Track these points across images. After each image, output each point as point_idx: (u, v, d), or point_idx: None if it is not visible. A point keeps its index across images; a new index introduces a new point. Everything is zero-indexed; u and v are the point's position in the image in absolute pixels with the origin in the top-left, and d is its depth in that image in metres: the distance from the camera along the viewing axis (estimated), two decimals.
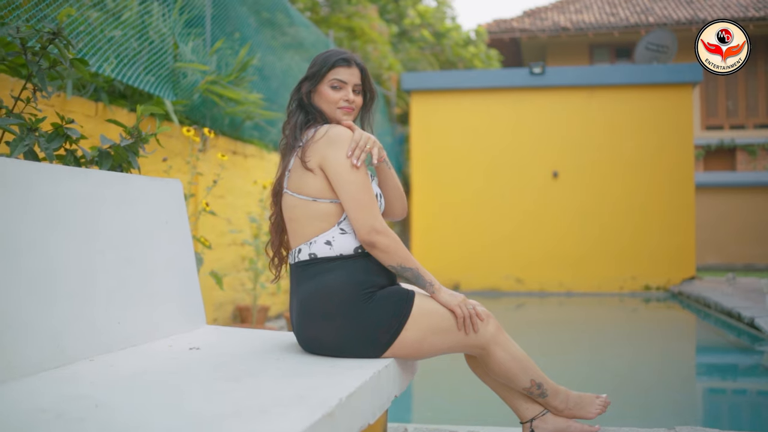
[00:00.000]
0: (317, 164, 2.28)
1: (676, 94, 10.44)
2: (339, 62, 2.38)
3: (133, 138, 2.79)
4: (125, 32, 4.08)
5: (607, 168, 10.53)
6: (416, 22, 15.32)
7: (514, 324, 8.21)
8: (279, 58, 7.60)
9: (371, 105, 2.54)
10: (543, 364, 5.61)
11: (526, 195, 10.67)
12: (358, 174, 2.26)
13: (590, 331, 7.50)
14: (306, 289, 2.29)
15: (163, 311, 2.59)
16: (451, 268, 10.76)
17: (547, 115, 10.70)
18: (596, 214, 10.52)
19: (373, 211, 2.25)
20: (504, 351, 2.40)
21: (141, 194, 2.59)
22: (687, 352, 6.42)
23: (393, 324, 2.23)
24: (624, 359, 5.64)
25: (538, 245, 10.59)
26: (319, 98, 2.40)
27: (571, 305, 9.58)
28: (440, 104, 11.02)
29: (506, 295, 10.45)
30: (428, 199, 10.92)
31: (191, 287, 2.82)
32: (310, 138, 2.32)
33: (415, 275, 2.29)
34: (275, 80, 7.23)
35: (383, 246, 2.24)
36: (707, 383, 5.17)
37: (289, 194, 2.35)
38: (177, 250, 2.77)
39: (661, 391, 4.58)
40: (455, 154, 10.89)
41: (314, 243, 2.29)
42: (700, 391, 4.87)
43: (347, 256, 2.28)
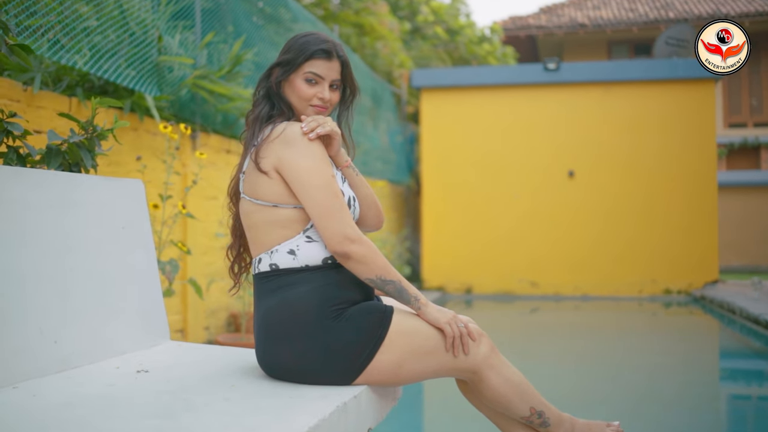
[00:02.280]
0: (272, 166, 1.98)
1: (697, 90, 10.04)
2: (318, 54, 2.06)
3: (87, 134, 2.51)
4: (101, 22, 3.81)
5: (626, 167, 10.14)
6: (429, 19, 14.99)
7: (528, 329, 7.87)
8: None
9: (351, 101, 2.23)
10: (556, 374, 5.34)
11: (540, 195, 10.31)
12: (321, 175, 1.96)
13: (607, 338, 7.14)
14: (266, 305, 1.99)
15: (116, 327, 2.30)
16: (463, 270, 10.43)
17: (562, 112, 10.34)
18: (614, 215, 10.14)
19: (343, 217, 1.95)
20: (498, 375, 2.08)
21: (90, 196, 2.31)
22: (711, 362, 6.06)
23: (366, 346, 1.93)
24: (643, 371, 5.29)
25: (553, 247, 10.23)
26: (290, 90, 2.10)
27: (587, 310, 9.22)
28: (451, 102, 10.69)
29: (520, 298, 10.11)
30: (439, 200, 10.60)
31: (153, 299, 2.53)
32: (265, 137, 2.02)
33: (397, 289, 1.98)
34: None
35: (359, 256, 1.93)
36: (734, 398, 4.82)
37: (245, 199, 2.05)
38: (137, 258, 2.48)
39: (684, 408, 4.23)
40: (467, 153, 10.56)
41: (276, 252, 1.99)
42: (726, 408, 4.52)
43: (314, 268, 1.98)
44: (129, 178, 2.56)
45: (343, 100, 2.21)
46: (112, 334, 2.27)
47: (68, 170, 2.49)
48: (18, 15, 3.17)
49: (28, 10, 3.27)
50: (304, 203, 1.96)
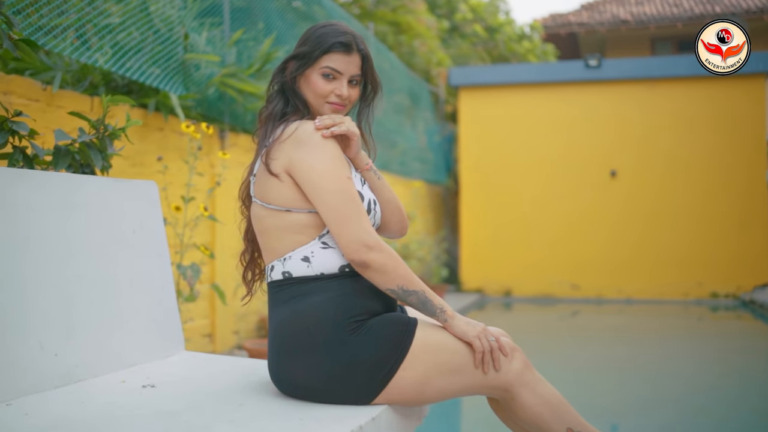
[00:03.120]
0: (283, 168, 1.83)
1: (747, 86, 9.65)
2: (336, 47, 1.90)
3: (98, 133, 2.39)
4: (124, 19, 3.71)
5: (670, 166, 9.80)
6: (468, 17, 14.76)
7: (569, 334, 7.63)
8: None
9: (373, 99, 2.06)
10: (595, 382, 5.11)
11: (581, 195, 10.03)
12: (336, 178, 1.80)
13: (650, 344, 6.87)
14: (278, 317, 1.84)
15: (125, 337, 2.17)
16: (503, 273, 10.20)
17: (604, 110, 10.04)
18: (658, 215, 9.80)
19: (361, 222, 1.79)
20: (532, 393, 1.90)
21: (98, 199, 2.18)
22: (762, 373, 5.76)
23: (386, 361, 1.77)
24: (688, 381, 5.04)
25: (595, 249, 9.93)
26: (305, 86, 1.94)
27: (630, 314, 8.93)
28: (490, 100, 10.46)
29: (561, 301, 9.84)
30: (478, 201, 10.38)
31: (166, 307, 2.40)
32: (276, 137, 1.87)
33: (421, 300, 1.82)
34: None
35: (378, 265, 1.77)
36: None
37: (256, 203, 1.90)
38: (149, 263, 2.36)
39: (732, 424, 3.98)
40: (506, 152, 10.32)
41: (289, 259, 1.84)
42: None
43: (330, 276, 1.82)
44: (141, 180, 2.44)
45: (364, 97, 2.04)
46: (120, 346, 2.14)
47: (78, 172, 2.38)
48: (34, 11, 3.08)
49: (47, 6, 3.18)
50: (318, 208, 1.80)
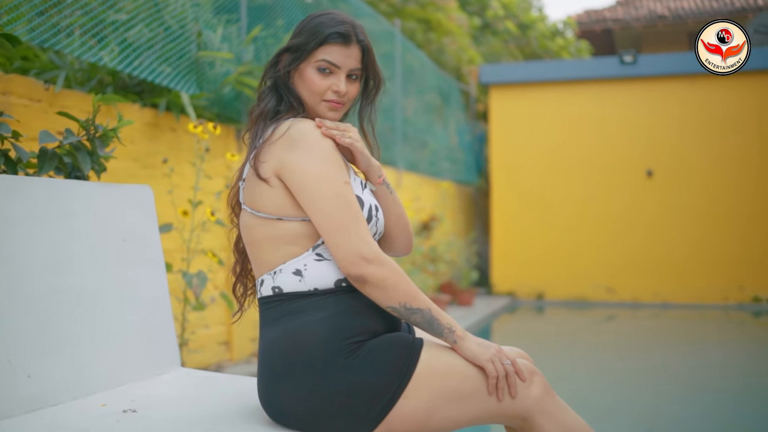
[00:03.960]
0: (273, 172, 1.65)
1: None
2: (333, 37, 1.71)
3: (88, 134, 2.24)
4: (132, 15, 3.57)
5: (709, 164, 9.44)
6: (500, 13, 14.48)
7: (603, 339, 7.36)
8: None
9: (375, 95, 1.87)
10: (629, 393, 4.85)
11: (617, 196, 9.71)
12: (331, 182, 1.62)
13: (688, 351, 6.57)
14: (268, 336, 1.67)
15: (110, 355, 2.01)
16: (535, 276, 9.93)
17: (639, 107, 9.71)
18: (697, 216, 9.45)
19: (358, 232, 1.60)
20: (554, 422, 1.70)
21: (83, 206, 2.03)
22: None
23: (387, 388, 1.58)
24: (728, 395, 4.75)
25: (630, 251, 9.60)
26: (300, 81, 1.76)
27: (667, 319, 8.62)
28: (522, 98, 10.20)
29: (595, 305, 9.54)
30: (509, 201, 10.12)
31: (160, 321, 2.24)
32: (267, 137, 1.70)
33: (426, 319, 1.63)
34: None
35: (377, 280, 1.58)
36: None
37: (246, 210, 1.73)
38: (141, 274, 2.20)
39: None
40: (538, 151, 10.05)
41: (279, 273, 1.66)
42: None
43: (324, 292, 1.64)
44: (135, 184, 2.28)
45: (365, 94, 1.86)
46: (105, 365, 1.98)
47: (70, 176, 2.23)
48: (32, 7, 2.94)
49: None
50: (311, 216, 1.62)
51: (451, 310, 8.13)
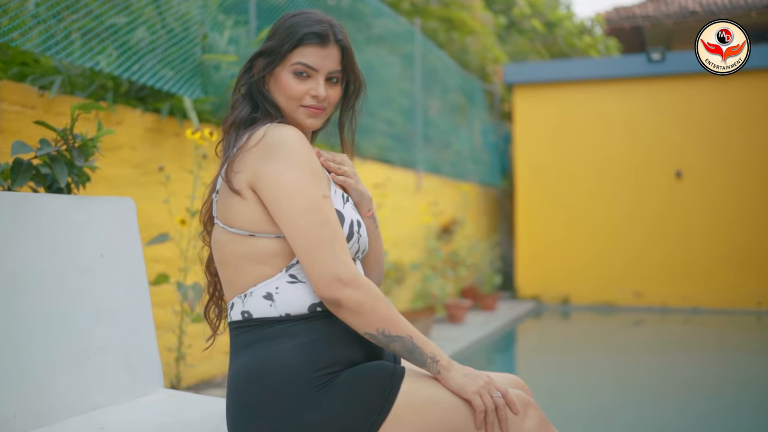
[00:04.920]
0: (247, 183, 1.53)
1: None
2: (309, 38, 1.59)
3: (67, 144, 2.13)
4: (132, 18, 3.47)
5: (740, 165, 9.13)
6: (526, 11, 14.26)
7: (629, 346, 7.14)
8: (359, 50, 6.89)
9: (355, 100, 1.75)
10: (656, 405, 4.65)
11: (644, 197, 9.45)
12: (308, 194, 1.49)
13: (720, 359, 6.33)
14: (236, 365, 1.54)
15: (84, 379, 1.90)
16: (560, 279, 9.71)
17: (668, 106, 9.44)
18: (728, 218, 9.15)
19: (334, 251, 1.47)
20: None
21: (56, 221, 1.92)
22: None
23: (362, 424, 1.45)
24: (762, 410, 4.53)
25: (659, 254, 9.34)
26: (276, 86, 1.64)
27: (697, 324, 8.36)
28: (546, 98, 9.98)
29: (622, 310, 9.30)
30: (534, 203, 9.92)
31: (142, 340, 2.13)
32: (241, 145, 1.57)
33: (407, 347, 1.49)
34: None
35: (353, 304, 1.45)
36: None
37: (218, 226, 1.60)
38: (120, 291, 2.09)
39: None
40: (564, 152, 9.83)
41: (250, 296, 1.54)
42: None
43: (297, 318, 1.51)
44: (115, 196, 2.17)
45: (345, 98, 1.73)
46: (77, 388, 1.87)
47: (47, 189, 2.12)
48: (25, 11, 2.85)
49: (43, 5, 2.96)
50: (285, 231, 1.49)
51: (473, 315, 7.97)
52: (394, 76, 7.68)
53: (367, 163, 6.56)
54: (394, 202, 7.02)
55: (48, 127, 2.12)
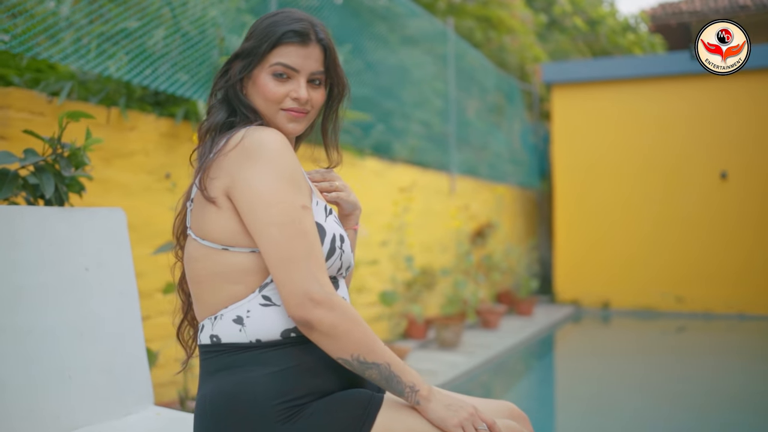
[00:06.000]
0: (223, 190, 1.42)
1: None
2: (288, 37, 1.48)
3: (54, 154, 2.07)
4: (144, 22, 3.42)
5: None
6: (567, 9, 13.99)
7: (671, 353, 6.88)
8: (391, 51, 6.79)
9: (339, 103, 1.64)
10: (698, 420, 4.43)
11: (688, 199, 9.15)
12: (285, 205, 1.38)
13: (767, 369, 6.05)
14: (202, 393, 1.44)
15: (65, 397, 1.83)
16: (599, 283, 9.47)
17: (712, 105, 9.12)
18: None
19: (309, 267, 1.35)
20: None
21: (37, 234, 1.85)
22: None
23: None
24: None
25: (702, 258, 9.03)
26: (254, 90, 1.52)
27: (743, 332, 8.04)
28: (586, 97, 9.74)
29: (663, 315, 9.01)
30: (573, 206, 9.69)
31: (130, 356, 2.05)
32: (218, 149, 1.46)
33: (384, 375, 1.37)
34: (382, 76, 6.44)
35: (325, 327, 1.34)
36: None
37: (191, 238, 1.50)
38: (107, 306, 2.01)
39: None
40: (604, 153, 9.58)
41: (219, 319, 1.44)
42: None
43: (268, 345, 1.40)
44: (105, 207, 2.10)
45: (328, 103, 1.62)
46: (55, 407, 1.80)
47: (35, 201, 2.06)
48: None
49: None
50: (258, 243, 1.38)
51: (508, 321, 7.80)
52: (427, 77, 7.56)
53: (396, 165, 6.45)
54: (426, 205, 6.89)
55: (35, 135, 2.06)
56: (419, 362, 5.38)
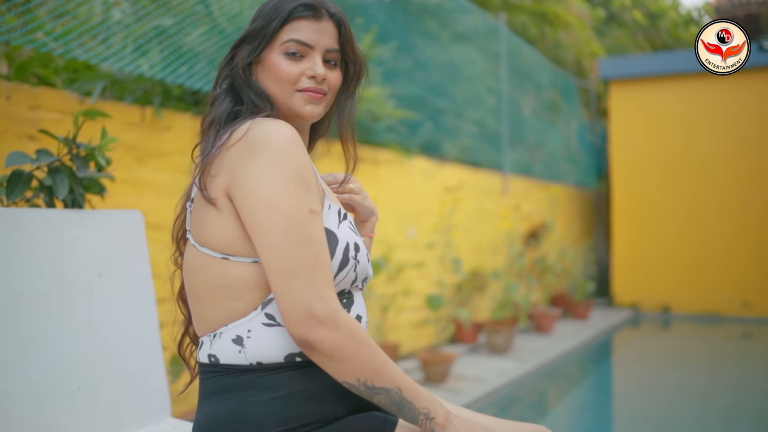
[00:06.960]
0: (223, 190, 1.27)
1: None
2: (298, 11, 1.33)
3: (70, 154, 1.99)
4: (179, 19, 3.34)
5: None
6: (626, 3, 13.57)
7: (735, 361, 6.55)
8: (442, 48, 6.64)
9: (356, 84, 1.48)
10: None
11: (753, 199, 8.73)
12: (291, 208, 1.21)
13: None
14: (199, 416, 1.32)
15: (73, 409, 1.74)
16: (660, 287, 9.12)
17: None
18: None
19: (313, 279, 1.20)
20: None
21: (40, 237, 1.76)
22: None
23: None
24: None
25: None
26: (265, 73, 1.37)
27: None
28: (645, 93, 9.40)
29: (729, 321, 8.62)
30: (632, 206, 9.36)
31: (147, 365, 1.95)
32: (221, 144, 1.31)
33: (395, 401, 1.22)
34: (432, 74, 6.29)
35: (327, 348, 1.19)
36: None
37: (190, 244, 1.37)
38: (122, 313, 1.92)
39: None
40: (663, 151, 9.22)
41: (218, 337, 1.30)
42: None
43: (270, 368, 1.26)
44: (121, 210, 2.01)
45: (345, 84, 1.46)
46: (62, 418, 1.71)
47: (51, 204, 1.98)
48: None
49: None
50: (259, 251, 1.22)
51: (563, 325, 7.56)
52: (479, 74, 7.38)
53: (446, 165, 6.29)
54: (477, 206, 6.71)
55: (49, 135, 1.98)
56: (467, 368, 5.22)
